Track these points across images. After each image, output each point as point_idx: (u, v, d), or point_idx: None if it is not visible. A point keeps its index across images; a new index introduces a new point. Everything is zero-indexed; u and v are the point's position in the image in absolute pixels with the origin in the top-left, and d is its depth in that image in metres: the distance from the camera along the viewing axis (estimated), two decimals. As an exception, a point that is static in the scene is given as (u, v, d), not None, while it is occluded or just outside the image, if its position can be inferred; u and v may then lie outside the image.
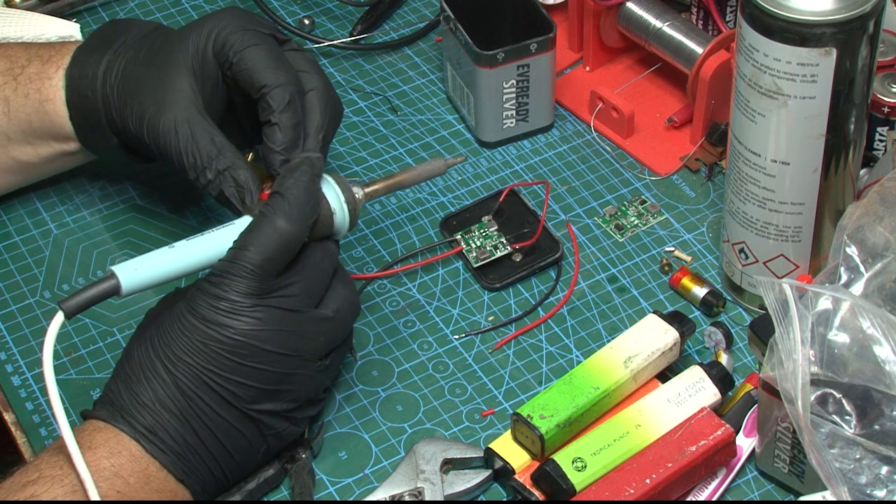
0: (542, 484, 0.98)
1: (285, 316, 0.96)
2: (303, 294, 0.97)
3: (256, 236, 0.96)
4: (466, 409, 1.05)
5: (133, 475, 0.93)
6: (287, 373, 0.96)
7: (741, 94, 1.00)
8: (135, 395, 0.94)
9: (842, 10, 0.95)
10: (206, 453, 0.95)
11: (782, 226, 1.04)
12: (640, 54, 1.28)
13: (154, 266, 0.96)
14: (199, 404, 0.94)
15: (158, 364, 0.95)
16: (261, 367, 0.95)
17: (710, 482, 1.00)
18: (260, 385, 0.95)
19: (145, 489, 0.93)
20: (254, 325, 0.95)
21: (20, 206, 1.20)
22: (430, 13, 1.35)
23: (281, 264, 0.96)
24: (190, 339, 0.94)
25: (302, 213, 0.97)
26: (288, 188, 0.97)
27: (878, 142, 1.14)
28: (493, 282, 1.12)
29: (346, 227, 1.02)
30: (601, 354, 1.03)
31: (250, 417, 0.96)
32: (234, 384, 0.95)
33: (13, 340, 1.10)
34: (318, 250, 0.99)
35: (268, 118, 1.03)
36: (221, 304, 0.95)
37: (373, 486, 1.01)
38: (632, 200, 1.19)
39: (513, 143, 1.23)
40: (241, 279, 0.95)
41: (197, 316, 0.95)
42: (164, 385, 0.94)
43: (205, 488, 0.96)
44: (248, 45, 1.03)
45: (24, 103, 1.11)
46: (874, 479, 0.92)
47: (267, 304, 0.95)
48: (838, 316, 0.92)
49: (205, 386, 0.94)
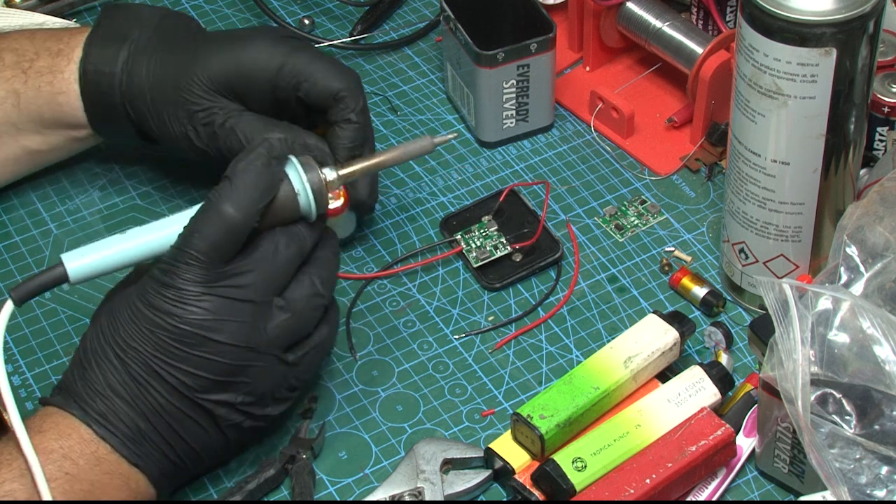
0: (542, 484, 0.98)
1: (235, 305, 0.94)
2: (257, 283, 0.95)
3: (202, 222, 0.94)
4: (466, 409, 1.05)
5: (83, 457, 0.93)
6: (240, 365, 0.95)
7: (741, 94, 1.00)
8: (87, 382, 0.94)
9: (842, 10, 0.95)
10: (159, 439, 0.94)
11: (782, 226, 1.04)
12: (640, 54, 1.28)
13: (103, 253, 0.95)
14: (149, 391, 0.94)
15: (109, 350, 0.94)
16: (210, 357, 0.94)
17: (710, 482, 1.00)
18: (210, 375, 0.94)
19: (95, 471, 0.93)
20: (200, 315, 0.93)
21: (20, 206, 1.20)
22: (430, 13, 1.35)
23: (227, 251, 0.94)
24: (139, 327, 0.94)
25: (249, 198, 0.94)
26: (237, 172, 0.95)
27: (878, 142, 1.14)
28: (493, 282, 1.12)
29: (313, 210, 0.97)
30: (601, 354, 1.03)
31: (202, 407, 0.95)
32: (182, 373, 0.94)
33: (13, 340, 1.10)
34: (282, 236, 0.96)
35: (347, 116, 1.08)
36: (169, 291, 0.93)
37: (373, 486, 1.01)
38: (632, 200, 1.19)
39: (513, 143, 1.23)
40: (188, 266, 0.93)
41: (145, 303, 0.94)
42: (114, 371, 0.94)
43: (163, 473, 0.96)
44: (308, 62, 1.08)
45: (35, 95, 1.12)
46: (874, 479, 0.92)
47: (215, 292, 0.94)
48: (838, 316, 0.92)
49: (154, 373, 0.93)
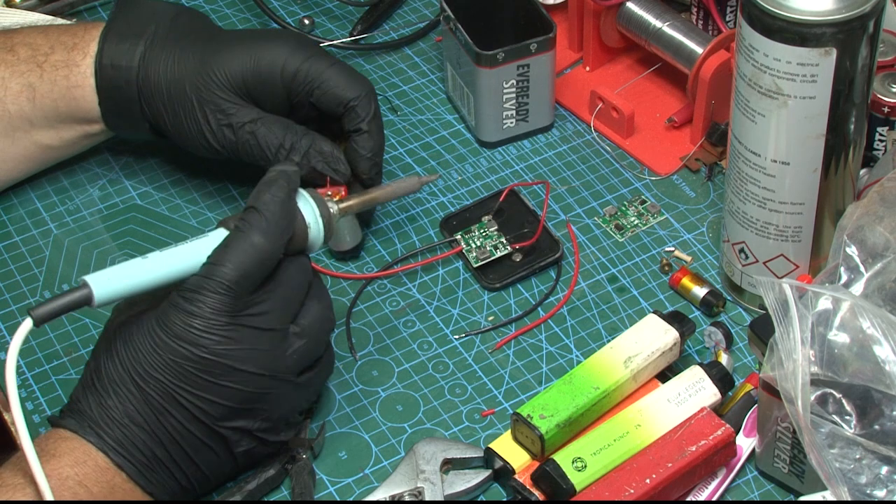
0: (542, 484, 0.98)
1: (259, 335, 0.95)
2: (277, 311, 0.96)
3: (232, 252, 0.94)
4: (466, 409, 1.05)
5: (98, 485, 0.93)
6: (260, 392, 0.95)
7: (741, 94, 1.00)
8: (104, 409, 0.94)
9: (842, 10, 0.95)
10: (174, 466, 0.95)
11: (782, 226, 1.04)
12: (640, 54, 1.28)
13: (127, 277, 0.94)
14: (168, 420, 0.94)
15: (128, 379, 0.94)
16: (233, 385, 0.94)
17: (710, 482, 1.00)
18: (232, 403, 0.95)
19: (110, 497, 0.93)
20: (227, 344, 0.93)
21: (20, 206, 1.20)
22: (430, 13, 1.35)
23: (256, 281, 0.95)
24: (161, 357, 0.93)
25: (278, 228, 0.96)
26: (264, 203, 0.96)
27: (878, 142, 1.14)
28: (493, 282, 1.12)
29: (320, 242, 1.00)
30: (601, 354, 1.03)
31: (220, 434, 0.95)
32: (204, 402, 0.94)
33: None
34: (293, 266, 0.98)
35: (358, 126, 1.10)
36: (195, 321, 0.93)
37: (373, 486, 1.01)
38: (632, 200, 1.19)
39: (513, 143, 1.23)
40: (216, 296, 0.93)
41: (169, 333, 0.93)
42: (134, 400, 0.93)
43: (172, 497, 0.96)
44: (324, 68, 1.10)
45: (50, 89, 1.13)
46: (874, 479, 0.92)
47: (241, 322, 0.94)
48: (838, 316, 0.92)
49: (175, 402, 0.93)
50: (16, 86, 1.13)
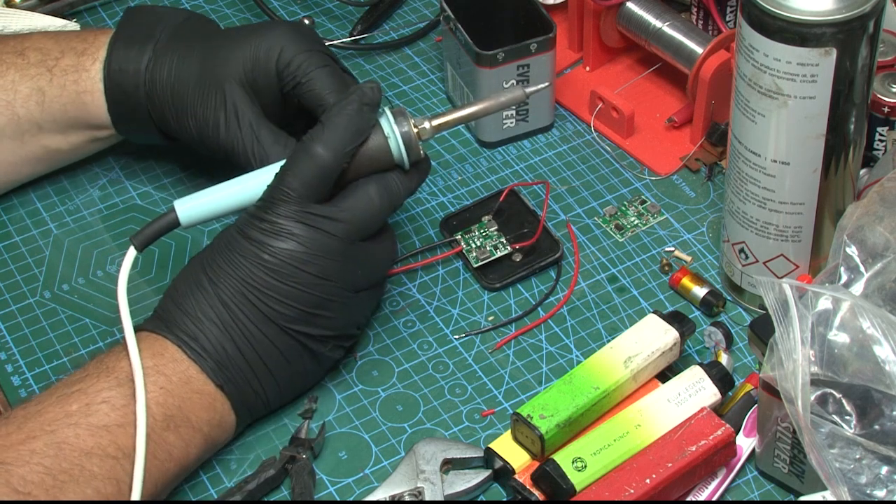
0: (542, 484, 0.98)
1: (326, 241, 0.99)
2: (347, 223, 1.00)
3: (294, 161, 1.00)
4: (466, 409, 1.05)
5: (175, 374, 0.98)
6: (325, 298, 1.00)
7: (741, 94, 1.00)
8: (179, 306, 0.99)
9: (842, 10, 0.95)
10: (244, 365, 0.99)
11: (782, 226, 1.04)
12: (640, 54, 1.28)
13: (210, 200, 1.02)
14: (239, 317, 0.99)
15: (203, 277, 0.99)
16: (299, 288, 0.99)
17: (710, 482, 1.00)
18: (297, 305, 0.99)
19: (185, 388, 0.97)
20: (293, 247, 0.99)
21: (20, 206, 1.20)
22: (430, 13, 1.35)
23: (318, 189, 1.00)
24: (232, 254, 0.99)
25: (340, 139, 1.00)
26: (329, 117, 1.01)
27: (878, 142, 1.14)
28: (493, 282, 1.12)
29: (403, 158, 1.02)
30: (601, 354, 1.03)
31: (290, 336, 1.00)
32: (273, 301, 0.99)
33: (13, 340, 1.10)
34: (374, 184, 1.02)
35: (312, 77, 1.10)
36: (263, 224, 0.99)
37: (373, 486, 1.01)
38: (632, 200, 1.19)
39: (513, 143, 1.23)
40: (281, 202, 0.99)
41: (242, 234, 0.99)
42: (206, 296, 0.99)
43: (244, 401, 1.00)
44: (315, 66, 1.09)
45: (59, 94, 1.14)
46: (874, 479, 0.92)
47: (307, 227, 0.99)
48: (838, 316, 0.92)
49: (245, 300, 0.99)
50: (25, 89, 1.13)
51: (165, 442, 0.96)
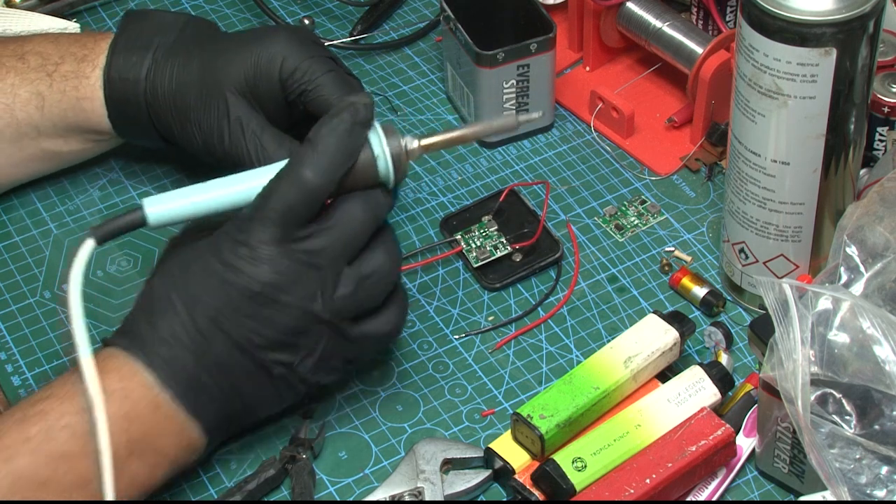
0: (542, 484, 0.98)
1: (304, 270, 0.94)
2: (329, 248, 0.95)
3: (280, 184, 0.94)
4: (466, 409, 1.05)
5: (143, 400, 0.93)
6: (302, 328, 0.95)
7: (741, 94, 1.00)
8: (153, 327, 0.94)
9: (842, 10, 0.95)
10: (217, 392, 0.95)
11: (782, 226, 1.04)
12: (640, 54, 1.28)
13: (182, 202, 0.95)
14: (213, 344, 0.94)
15: (178, 301, 0.94)
16: (274, 316, 0.94)
17: (710, 482, 1.00)
18: (273, 334, 0.95)
19: (154, 415, 0.94)
20: (270, 275, 0.94)
21: (20, 207, 1.20)
22: (430, 13, 1.35)
23: (303, 215, 0.94)
24: (209, 280, 0.94)
25: (330, 164, 0.94)
26: (320, 136, 0.94)
27: (878, 142, 1.14)
28: (493, 282, 1.12)
29: (390, 178, 0.97)
30: (601, 354, 1.03)
31: (262, 364, 0.95)
32: (247, 329, 0.94)
33: (13, 340, 1.10)
34: (358, 202, 0.96)
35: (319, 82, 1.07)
36: (241, 249, 0.94)
37: (373, 486, 1.01)
38: (632, 200, 1.19)
39: (513, 143, 1.23)
40: (263, 227, 0.94)
41: (218, 258, 0.94)
42: (181, 322, 0.94)
43: (217, 425, 0.96)
44: (320, 73, 1.07)
45: (59, 99, 1.13)
46: (874, 479, 0.92)
47: (287, 254, 0.94)
48: (838, 316, 0.92)
49: (219, 327, 0.94)
50: (25, 93, 1.13)
51: (129, 469, 0.93)
